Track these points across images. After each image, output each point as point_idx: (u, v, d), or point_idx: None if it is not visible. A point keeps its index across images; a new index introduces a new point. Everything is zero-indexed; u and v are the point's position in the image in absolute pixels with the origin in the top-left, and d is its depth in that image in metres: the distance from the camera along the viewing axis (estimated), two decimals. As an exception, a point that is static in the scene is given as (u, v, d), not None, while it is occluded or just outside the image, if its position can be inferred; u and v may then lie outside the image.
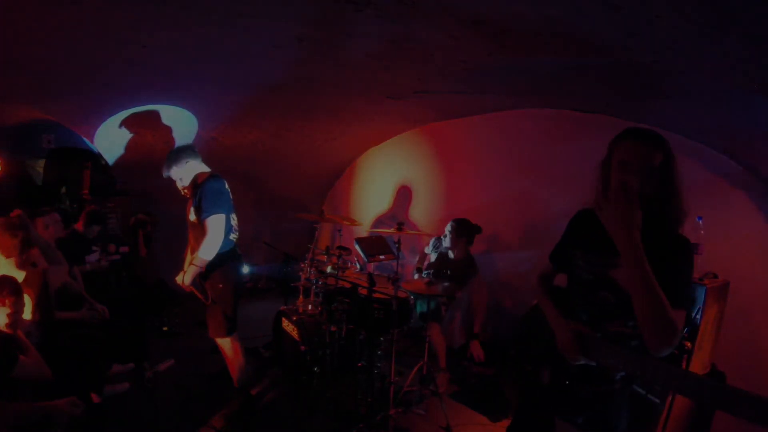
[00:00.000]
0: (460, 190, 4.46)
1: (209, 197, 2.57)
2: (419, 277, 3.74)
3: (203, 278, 2.67)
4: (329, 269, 3.40)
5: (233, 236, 2.75)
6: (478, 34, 2.07)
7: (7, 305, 1.97)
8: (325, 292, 3.36)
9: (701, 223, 2.42)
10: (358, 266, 3.76)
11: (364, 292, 2.92)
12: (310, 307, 3.38)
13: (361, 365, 3.01)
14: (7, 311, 1.97)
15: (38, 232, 2.82)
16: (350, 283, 3.12)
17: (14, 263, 2.39)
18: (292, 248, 4.28)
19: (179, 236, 3.05)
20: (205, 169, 2.76)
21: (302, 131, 4.52)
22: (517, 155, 3.92)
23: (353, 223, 3.64)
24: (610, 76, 2.37)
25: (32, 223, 2.71)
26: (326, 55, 2.61)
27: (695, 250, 2.17)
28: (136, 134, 4.08)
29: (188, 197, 2.75)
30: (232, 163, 4.63)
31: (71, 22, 2.13)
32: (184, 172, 2.69)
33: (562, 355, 1.42)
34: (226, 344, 2.74)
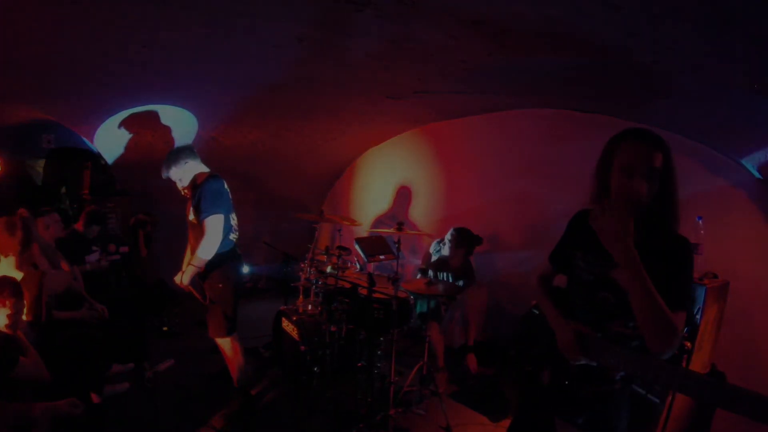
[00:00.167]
0: (460, 189, 4.46)
1: (208, 197, 2.57)
2: (422, 276, 3.74)
3: (203, 278, 2.67)
4: (329, 269, 3.40)
5: (233, 236, 2.75)
6: (478, 34, 2.07)
7: (7, 306, 1.97)
8: (325, 292, 3.35)
9: (701, 223, 2.41)
10: (358, 266, 3.76)
11: (364, 292, 2.92)
12: (309, 307, 3.38)
13: (361, 365, 3.01)
14: (7, 312, 1.97)
15: (39, 232, 2.83)
16: (350, 283, 3.12)
17: (13, 263, 2.39)
18: (292, 248, 4.27)
19: (179, 236, 3.05)
20: (204, 169, 2.76)
21: (302, 131, 4.52)
22: (517, 155, 3.92)
23: (353, 223, 3.64)
24: (610, 75, 2.37)
25: (33, 223, 2.72)
26: (326, 55, 2.61)
27: (695, 250, 2.17)
28: (135, 134, 4.08)
29: (188, 197, 2.75)
30: (232, 163, 4.63)
31: (71, 22, 2.13)
32: (183, 172, 2.70)
33: (562, 355, 1.42)
34: (226, 344, 2.74)
